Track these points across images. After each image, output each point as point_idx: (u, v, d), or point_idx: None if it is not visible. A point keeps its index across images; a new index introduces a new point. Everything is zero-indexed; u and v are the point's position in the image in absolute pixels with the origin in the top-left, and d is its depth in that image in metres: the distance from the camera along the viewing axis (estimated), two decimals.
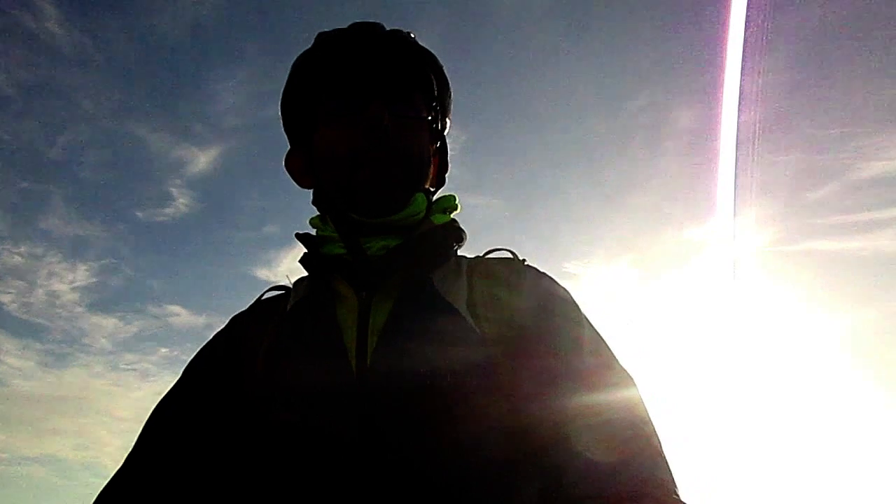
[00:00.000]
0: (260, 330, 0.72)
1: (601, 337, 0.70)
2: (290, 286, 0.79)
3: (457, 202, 0.82)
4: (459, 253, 0.79)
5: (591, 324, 0.71)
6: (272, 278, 5.90)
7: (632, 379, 0.66)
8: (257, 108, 5.69)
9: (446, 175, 0.85)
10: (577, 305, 0.73)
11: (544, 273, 0.77)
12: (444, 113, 0.84)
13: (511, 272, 0.74)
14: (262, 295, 0.80)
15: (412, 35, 0.79)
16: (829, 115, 4.74)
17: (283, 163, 0.83)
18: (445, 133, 0.86)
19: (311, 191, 0.82)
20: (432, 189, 0.83)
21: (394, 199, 0.72)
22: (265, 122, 5.76)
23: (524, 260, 0.78)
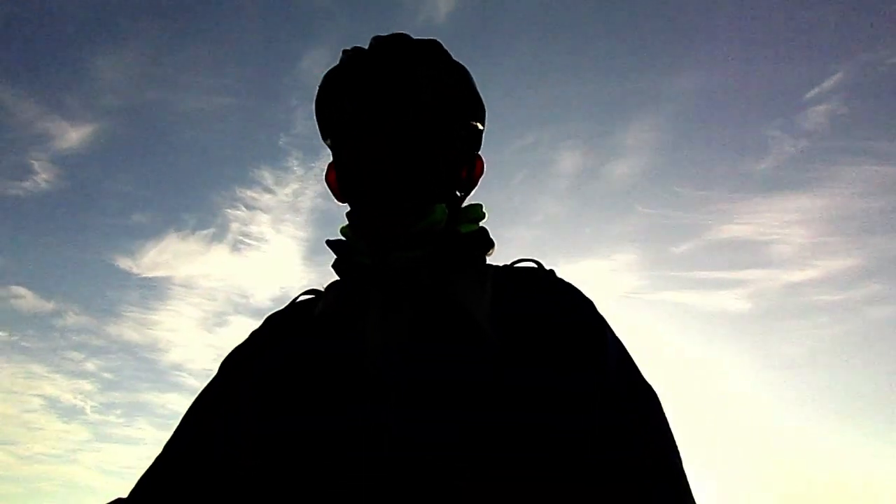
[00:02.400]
0: (291, 335, 0.74)
1: (626, 351, 0.71)
2: (322, 290, 0.80)
3: (483, 211, 0.82)
4: (488, 262, 0.80)
5: (614, 334, 0.72)
6: (134, 269, 5.64)
7: (654, 393, 0.67)
8: (140, 90, 5.35)
9: (478, 181, 0.86)
10: (600, 315, 0.73)
11: (570, 283, 0.77)
12: (475, 118, 0.84)
13: (535, 282, 0.75)
14: (296, 298, 0.82)
15: (440, 45, 0.80)
16: (695, 176, 5.28)
17: (325, 175, 0.85)
18: (478, 138, 0.86)
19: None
20: (460, 194, 0.82)
21: (403, 208, 0.73)
22: (146, 106, 5.55)
23: (551, 270, 0.78)
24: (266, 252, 5.84)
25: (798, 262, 5.30)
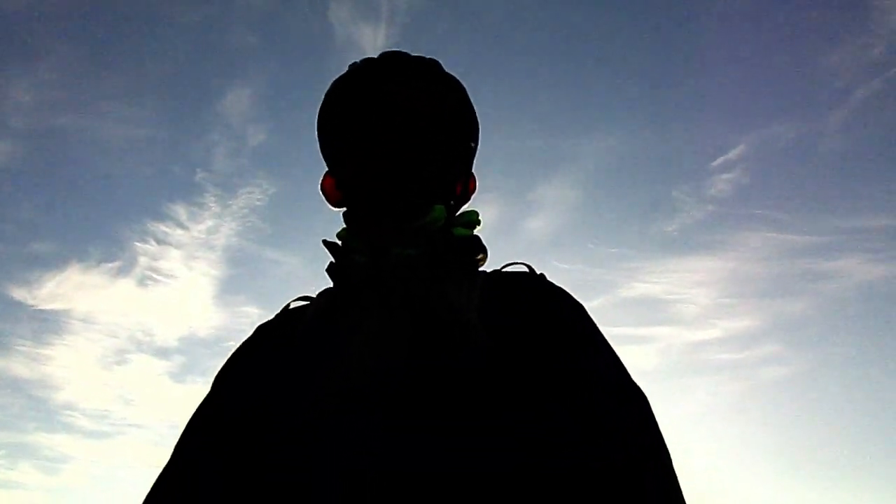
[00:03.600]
0: (281, 341, 0.75)
1: (614, 352, 0.70)
2: (314, 297, 0.82)
3: (479, 217, 0.85)
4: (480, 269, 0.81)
5: (603, 337, 0.71)
6: (29, 300, 5.34)
7: (643, 394, 0.66)
8: (51, 114, 5.30)
9: (471, 197, 0.90)
10: (590, 318, 0.73)
11: (559, 287, 0.77)
12: (469, 136, 0.88)
13: (525, 286, 0.75)
14: (288, 305, 0.83)
15: (438, 62, 0.85)
16: (608, 234, 5.54)
17: (320, 184, 0.88)
18: (472, 155, 0.91)
19: (342, 210, 0.86)
20: (454, 204, 0.85)
21: (407, 201, 0.75)
22: (57, 131, 5.42)
23: (542, 274, 0.79)
24: (175, 289, 5.50)
25: (701, 322, 5.62)
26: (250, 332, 0.83)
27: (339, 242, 0.82)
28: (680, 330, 5.58)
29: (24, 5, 4.89)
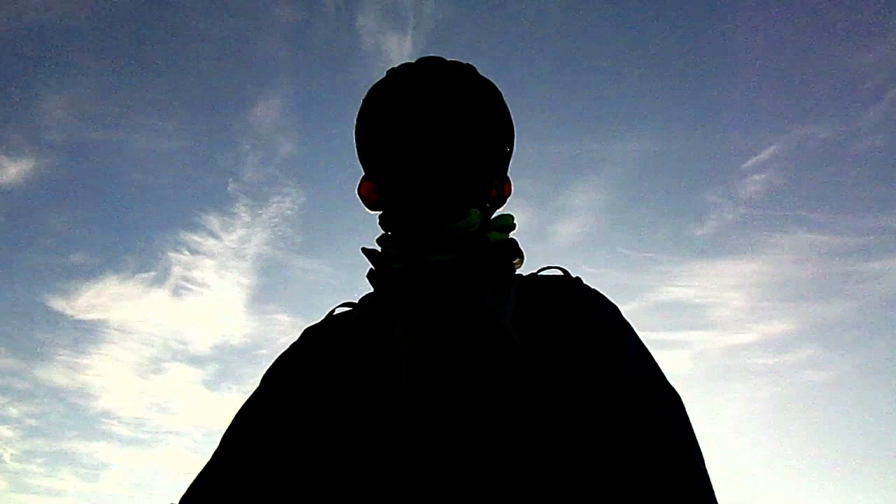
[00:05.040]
0: (327, 343, 0.78)
1: (649, 354, 0.69)
2: (357, 303, 0.84)
3: (514, 221, 0.86)
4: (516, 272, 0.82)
5: (639, 339, 0.71)
6: (68, 311, 5.61)
7: (678, 395, 0.65)
8: (86, 128, 5.46)
9: (506, 200, 0.91)
10: (625, 320, 0.73)
11: (595, 290, 0.77)
12: (505, 139, 0.89)
13: (561, 289, 0.75)
14: (332, 310, 0.86)
15: (473, 67, 0.87)
16: (639, 239, 5.50)
17: (357, 188, 0.91)
18: (508, 159, 0.92)
19: (378, 214, 0.88)
20: (489, 206, 0.87)
21: (443, 204, 0.76)
22: (92, 144, 5.51)
23: (578, 277, 0.79)
24: (208, 298, 5.62)
25: (736, 326, 5.48)
26: (297, 335, 0.86)
27: (379, 248, 0.84)
28: (715, 334, 5.48)
29: (58, 20, 5.08)
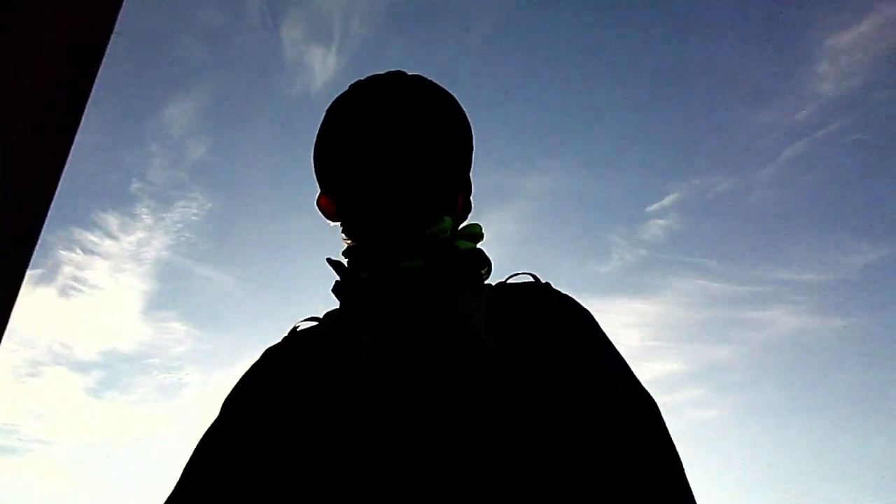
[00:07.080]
0: (289, 363, 0.75)
1: (623, 360, 0.69)
2: (321, 318, 0.82)
3: (482, 230, 0.86)
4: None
5: (611, 344, 0.71)
6: None
7: (653, 401, 0.64)
8: None
9: (468, 215, 0.92)
10: (597, 325, 0.73)
11: (566, 295, 0.76)
12: (467, 147, 0.90)
13: (532, 295, 0.74)
14: (295, 326, 0.83)
15: (434, 82, 0.88)
16: (543, 273, 5.95)
17: (316, 201, 0.89)
18: (469, 167, 0.93)
19: (339, 225, 0.87)
20: (456, 219, 0.86)
21: (417, 211, 0.76)
22: None
23: (547, 283, 0.78)
24: (99, 301, 5.20)
25: (630, 364, 5.78)
26: (257, 356, 0.82)
27: (345, 261, 0.82)
28: None
29: None
